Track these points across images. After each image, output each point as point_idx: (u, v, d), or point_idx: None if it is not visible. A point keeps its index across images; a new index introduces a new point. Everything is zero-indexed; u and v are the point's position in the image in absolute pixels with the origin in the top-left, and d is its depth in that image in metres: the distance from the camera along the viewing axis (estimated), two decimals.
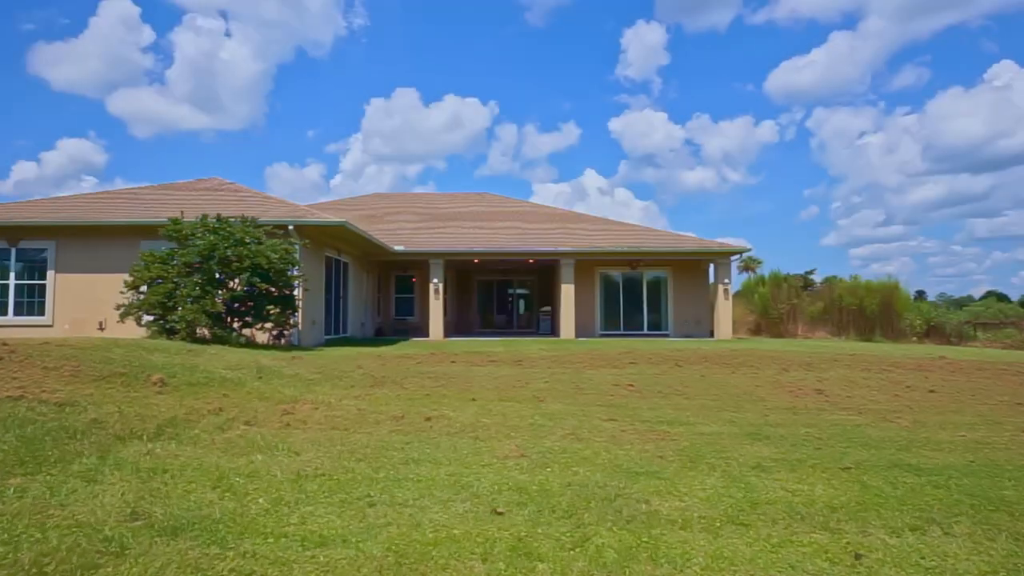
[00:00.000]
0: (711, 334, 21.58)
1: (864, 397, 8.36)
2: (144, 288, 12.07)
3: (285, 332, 13.22)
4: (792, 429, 6.10)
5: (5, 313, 15.22)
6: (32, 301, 15.34)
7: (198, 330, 11.58)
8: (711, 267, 22.40)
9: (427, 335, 20.44)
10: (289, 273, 12.79)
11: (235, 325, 12.35)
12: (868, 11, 72.41)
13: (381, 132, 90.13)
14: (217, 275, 12.04)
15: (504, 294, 29.99)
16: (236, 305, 12.29)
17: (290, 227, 14.11)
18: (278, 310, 12.70)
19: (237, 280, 12.03)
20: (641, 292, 22.61)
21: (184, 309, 11.39)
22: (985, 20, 69.26)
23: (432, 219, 25.03)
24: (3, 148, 77.83)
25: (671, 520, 3.43)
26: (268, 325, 12.83)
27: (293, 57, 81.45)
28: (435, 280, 20.44)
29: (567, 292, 20.84)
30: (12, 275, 15.36)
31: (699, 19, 77.02)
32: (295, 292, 13.20)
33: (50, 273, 15.23)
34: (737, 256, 22.97)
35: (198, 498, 3.55)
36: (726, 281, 21.22)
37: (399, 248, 20.17)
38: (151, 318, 11.97)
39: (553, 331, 23.13)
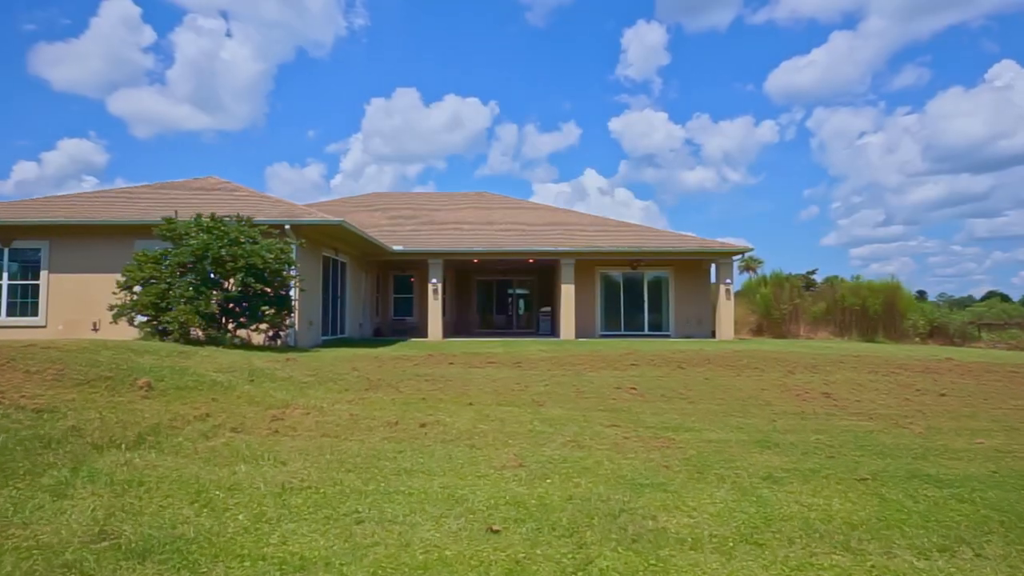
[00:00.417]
0: (713, 335, 21.34)
1: (873, 401, 8.12)
2: (137, 288, 11.85)
3: (281, 333, 12.98)
4: (802, 436, 5.87)
5: None
6: (25, 302, 15.10)
7: (191, 331, 11.36)
8: (712, 267, 22.14)
9: (426, 335, 20.20)
10: (285, 273, 12.55)
11: (229, 326, 12.12)
12: (868, 11, 72.24)
13: (381, 132, 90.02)
14: (211, 275, 11.80)
15: (504, 294, 29.75)
16: (230, 306, 12.06)
17: (287, 227, 13.89)
18: (273, 311, 12.46)
19: (231, 280, 11.79)
20: (642, 292, 22.37)
21: (177, 310, 11.16)
22: (986, 20, 69.08)
23: (431, 219, 24.79)
24: (4, 148, 77.66)
25: (680, 539, 3.20)
26: (263, 326, 12.59)
27: (294, 57, 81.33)
28: (434, 280, 20.20)
29: (567, 292, 20.61)
30: (5, 275, 15.13)
31: (699, 19, 76.86)
32: (291, 292, 12.96)
33: (43, 273, 14.99)
34: (739, 256, 22.72)
35: (173, 515, 3.31)
36: (728, 281, 20.97)
37: (398, 248, 19.93)
38: (144, 319, 11.74)
39: (553, 332, 22.89)
